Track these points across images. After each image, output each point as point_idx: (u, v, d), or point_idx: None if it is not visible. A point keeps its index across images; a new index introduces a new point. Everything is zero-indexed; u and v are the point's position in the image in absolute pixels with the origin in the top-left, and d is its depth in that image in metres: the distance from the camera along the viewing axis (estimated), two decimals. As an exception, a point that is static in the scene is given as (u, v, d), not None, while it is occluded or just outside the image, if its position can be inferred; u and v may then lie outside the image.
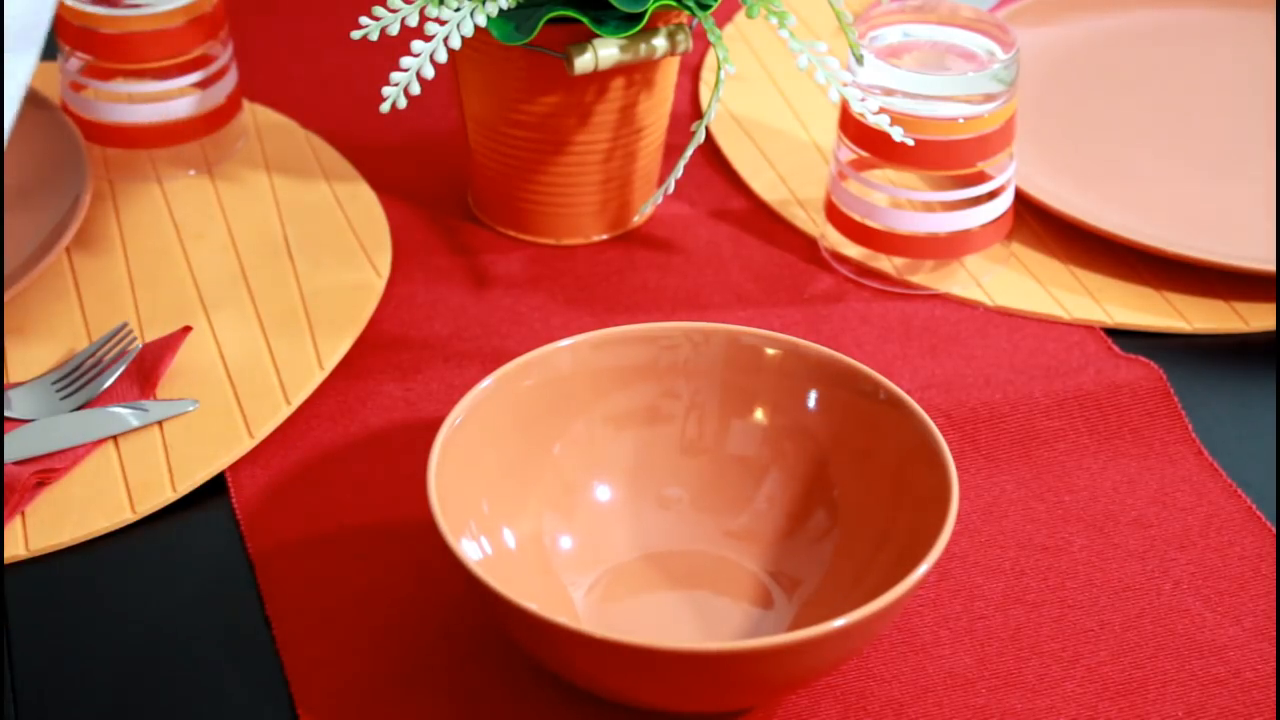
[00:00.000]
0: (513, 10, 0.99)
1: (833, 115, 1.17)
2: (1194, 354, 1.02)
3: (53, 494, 0.91)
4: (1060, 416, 0.96)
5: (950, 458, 0.82)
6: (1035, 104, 1.18)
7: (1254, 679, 0.84)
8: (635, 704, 0.79)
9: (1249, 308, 1.04)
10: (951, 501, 0.80)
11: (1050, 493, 0.93)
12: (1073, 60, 1.23)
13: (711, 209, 1.12)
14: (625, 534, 0.88)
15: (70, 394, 0.95)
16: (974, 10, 1.05)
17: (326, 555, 0.89)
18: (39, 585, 0.88)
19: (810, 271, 1.07)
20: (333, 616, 0.86)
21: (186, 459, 0.93)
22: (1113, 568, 0.89)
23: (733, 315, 1.03)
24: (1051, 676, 0.84)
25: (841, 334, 1.03)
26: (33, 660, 0.84)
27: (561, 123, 1.04)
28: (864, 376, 0.87)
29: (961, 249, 1.05)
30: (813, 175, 1.14)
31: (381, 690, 0.83)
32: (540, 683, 0.83)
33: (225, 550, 0.89)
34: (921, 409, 0.85)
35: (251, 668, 0.84)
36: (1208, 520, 0.91)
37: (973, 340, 1.02)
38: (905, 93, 1.02)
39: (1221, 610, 0.87)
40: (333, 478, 0.93)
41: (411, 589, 0.87)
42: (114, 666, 0.84)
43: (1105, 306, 1.04)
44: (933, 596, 0.87)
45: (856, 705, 0.82)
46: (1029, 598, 0.87)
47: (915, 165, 1.03)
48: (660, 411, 0.90)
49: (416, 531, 0.88)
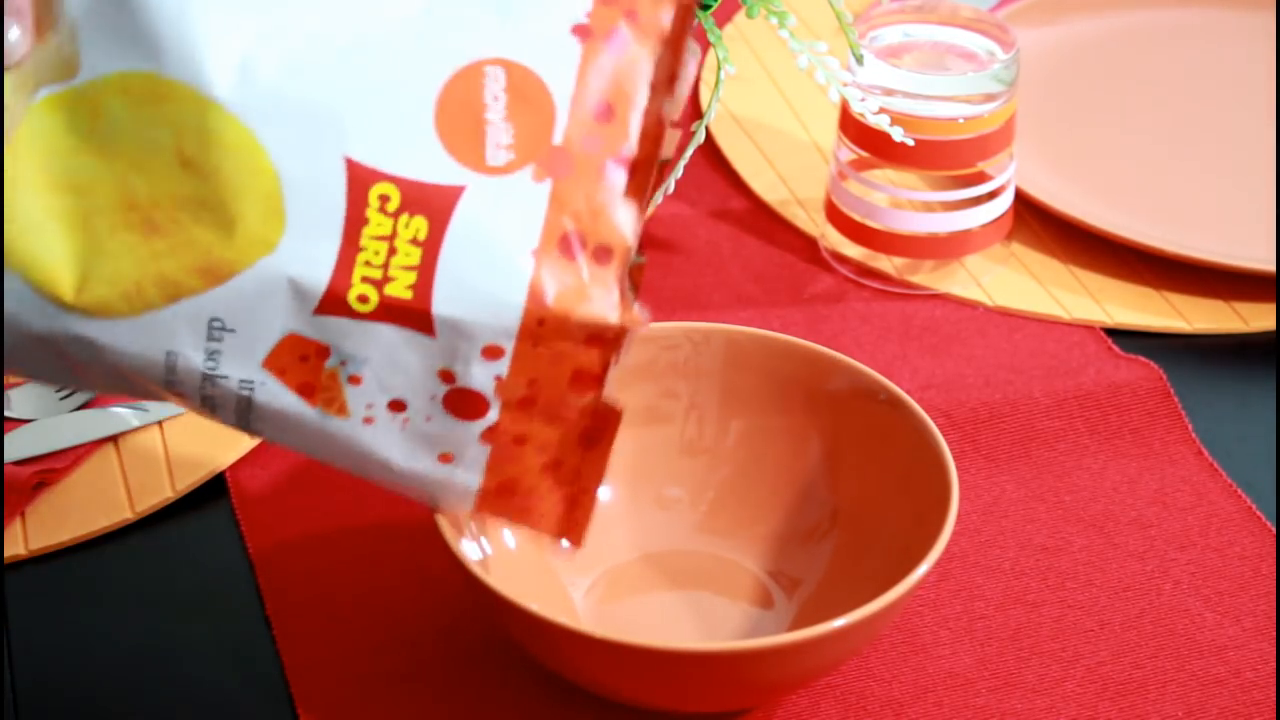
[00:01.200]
0: (513, 10, 0.99)
1: (833, 115, 1.17)
2: (1194, 354, 1.02)
3: (53, 494, 0.91)
4: (1060, 416, 0.96)
5: (950, 458, 0.82)
6: (1035, 104, 1.18)
7: (1254, 679, 0.84)
8: (635, 704, 0.79)
9: (1249, 308, 1.04)
10: (951, 501, 0.80)
11: (1050, 493, 0.93)
12: (1073, 60, 1.23)
13: (711, 209, 1.12)
14: (625, 534, 0.88)
15: (70, 394, 0.95)
16: (974, 10, 1.05)
17: (326, 555, 0.89)
18: (39, 585, 0.88)
19: (810, 271, 1.07)
20: (333, 616, 0.86)
21: (186, 459, 0.93)
22: (1113, 568, 0.89)
23: (733, 315, 1.03)
24: (1051, 676, 0.84)
25: (841, 334, 1.03)
26: (33, 660, 0.84)
27: (561, 123, 1.04)
28: (864, 376, 0.87)
29: (961, 249, 1.05)
30: (813, 175, 1.14)
31: (381, 690, 0.83)
32: (540, 683, 0.83)
33: (225, 550, 0.89)
34: (921, 409, 0.85)
35: (251, 668, 0.84)
36: (1208, 520, 0.91)
37: (973, 340, 1.02)
38: (905, 93, 1.02)
39: (1221, 610, 0.87)
40: (333, 478, 0.93)
41: (411, 589, 0.87)
42: (114, 666, 0.84)
43: (1105, 306, 1.04)
44: (933, 596, 0.87)
45: (856, 705, 0.82)
46: (1029, 598, 0.87)
47: (915, 165, 1.03)
48: (659, 412, 0.90)
49: (416, 531, 0.88)
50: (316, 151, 0.70)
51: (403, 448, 0.73)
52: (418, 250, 0.70)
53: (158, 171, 0.70)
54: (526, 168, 0.71)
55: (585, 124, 0.71)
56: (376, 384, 0.71)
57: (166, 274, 0.71)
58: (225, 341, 0.71)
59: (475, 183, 0.71)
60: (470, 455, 0.73)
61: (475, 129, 0.71)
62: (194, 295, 0.71)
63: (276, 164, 0.70)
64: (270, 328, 0.71)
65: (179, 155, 0.70)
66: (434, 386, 0.72)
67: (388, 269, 0.70)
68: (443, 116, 0.70)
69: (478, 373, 0.71)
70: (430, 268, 0.70)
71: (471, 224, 0.70)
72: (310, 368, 0.71)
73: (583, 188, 0.71)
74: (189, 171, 0.70)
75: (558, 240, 0.71)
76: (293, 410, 0.72)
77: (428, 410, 0.72)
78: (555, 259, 0.71)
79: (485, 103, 0.71)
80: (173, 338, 0.71)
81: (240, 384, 0.72)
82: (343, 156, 0.70)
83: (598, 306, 0.71)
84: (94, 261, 0.71)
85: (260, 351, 0.71)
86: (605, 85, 0.71)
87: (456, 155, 0.70)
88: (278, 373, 0.71)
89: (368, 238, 0.70)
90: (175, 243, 0.71)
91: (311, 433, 0.73)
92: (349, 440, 0.73)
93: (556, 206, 0.71)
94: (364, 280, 0.70)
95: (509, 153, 0.71)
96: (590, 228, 0.71)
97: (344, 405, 0.72)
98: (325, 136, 0.70)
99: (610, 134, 0.71)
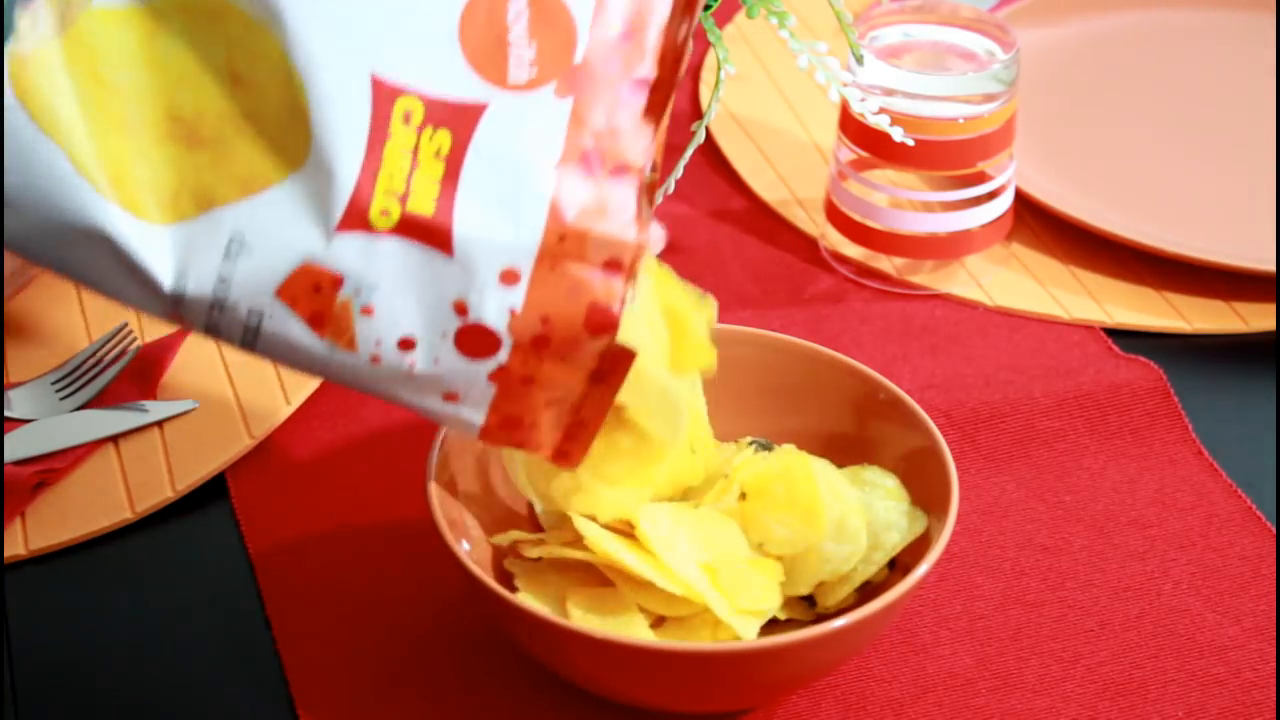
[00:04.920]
0: (513, 10, 0.99)
1: (833, 115, 1.17)
2: (1194, 354, 1.02)
3: (53, 494, 0.91)
4: (1060, 416, 0.96)
5: (950, 458, 0.82)
6: (1035, 104, 1.18)
7: (1254, 679, 0.84)
8: (635, 704, 0.79)
9: (1249, 308, 1.04)
10: (951, 501, 0.80)
11: (1050, 493, 0.93)
12: (1073, 60, 1.23)
13: (711, 209, 1.12)
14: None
15: (70, 394, 0.95)
16: (974, 10, 1.05)
17: (326, 555, 0.89)
18: (39, 585, 0.88)
19: (810, 271, 1.07)
20: (333, 616, 0.86)
21: (186, 459, 0.93)
22: (1113, 568, 0.89)
23: (733, 315, 1.03)
24: (1051, 676, 0.84)
25: (841, 334, 1.03)
26: (33, 660, 0.84)
27: (561, 123, 1.04)
28: (864, 376, 0.87)
29: (961, 249, 1.05)
30: (813, 175, 1.14)
31: (381, 690, 0.83)
32: (540, 682, 0.83)
33: (225, 550, 0.89)
34: (921, 409, 0.85)
35: (251, 668, 0.84)
36: (1208, 520, 0.91)
37: (973, 340, 1.02)
38: (905, 93, 1.02)
39: (1221, 610, 0.87)
40: (333, 478, 0.93)
41: (411, 589, 0.87)
42: (114, 666, 0.84)
43: (1105, 306, 1.04)
44: (933, 596, 0.87)
45: (856, 705, 0.82)
46: (1029, 598, 0.87)
47: (915, 165, 1.03)
48: (660, 411, 0.90)
49: (416, 531, 0.88)
50: (344, 67, 0.70)
51: (408, 386, 0.73)
52: (440, 165, 0.70)
53: (208, 87, 0.71)
54: (548, 85, 0.71)
55: (605, 44, 0.72)
56: (389, 316, 0.71)
57: (205, 184, 0.71)
58: (240, 264, 0.71)
59: (498, 99, 0.71)
60: (476, 394, 0.73)
61: (498, 46, 0.71)
62: (225, 205, 0.71)
63: (305, 80, 0.70)
64: (290, 250, 0.71)
65: (230, 71, 0.71)
66: (446, 321, 0.71)
67: (410, 184, 0.70)
68: (467, 33, 0.71)
69: (492, 303, 0.71)
70: (453, 183, 0.70)
71: (494, 139, 0.71)
72: (323, 298, 0.71)
73: (603, 106, 0.71)
74: (240, 87, 0.71)
75: (578, 157, 0.71)
76: (300, 341, 0.72)
77: (437, 350, 0.72)
78: (576, 175, 0.71)
79: (508, 21, 0.71)
80: (193, 252, 0.71)
81: (249, 313, 0.72)
82: (369, 72, 0.70)
83: (616, 223, 0.71)
84: (136, 166, 0.71)
85: (274, 279, 0.71)
86: (625, 6, 0.72)
87: (480, 71, 0.71)
88: (289, 301, 0.71)
89: (391, 151, 0.70)
90: (217, 155, 0.71)
91: (315, 362, 0.73)
92: (354, 375, 0.73)
93: (577, 124, 0.71)
94: (386, 194, 0.70)
95: (531, 69, 0.71)
96: (610, 146, 0.71)
97: (353, 339, 0.72)
98: (353, 52, 0.70)
99: (629, 55, 0.72)
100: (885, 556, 0.80)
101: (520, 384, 0.73)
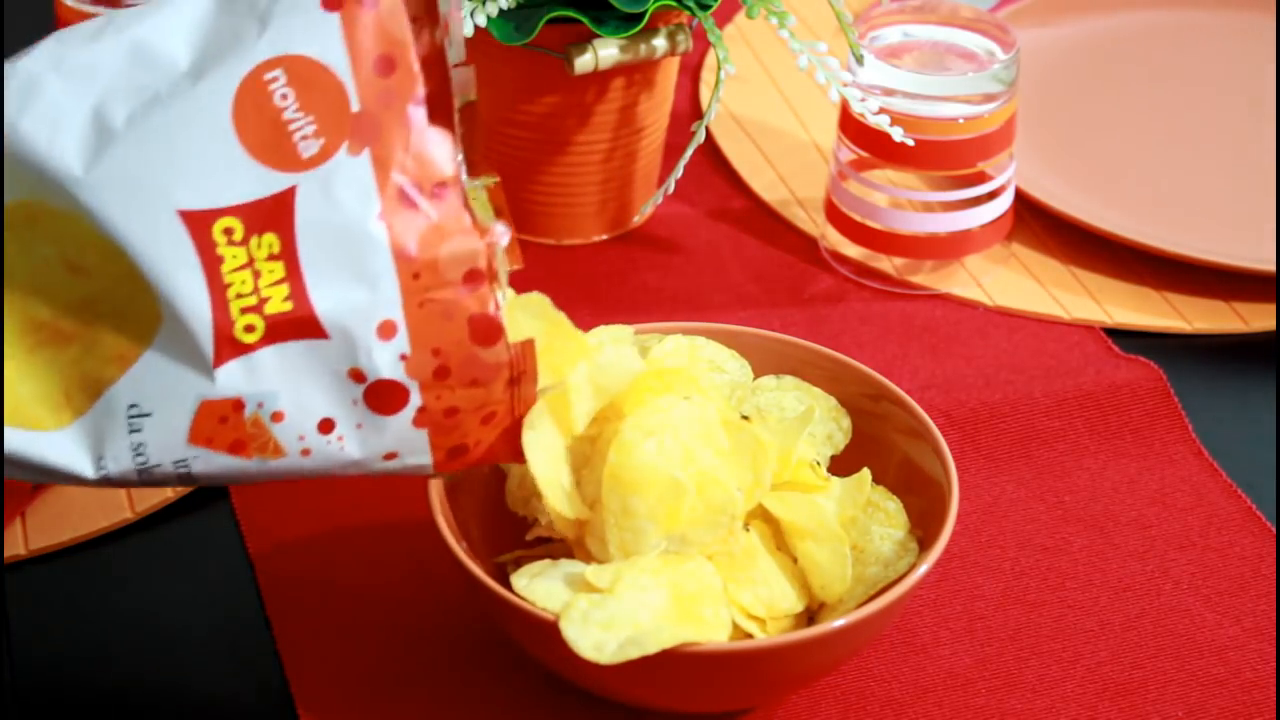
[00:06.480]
0: (513, 10, 0.99)
1: (833, 115, 1.17)
2: (1194, 354, 1.02)
3: (53, 494, 0.91)
4: (1060, 416, 0.96)
5: (950, 458, 0.82)
6: (1035, 104, 1.18)
7: (1254, 679, 0.84)
8: (635, 704, 0.79)
9: (1249, 308, 1.04)
10: (951, 501, 0.80)
11: (1050, 493, 0.93)
12: (1073, 60, 1.23)
13: (711, 209, 1.12)
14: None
15: (70, 394, 0.95)
16: (974, 10, 1.05)
17: (326, 555, 0.89)
18: (39, 585, 0.88)
19: (810, 271, 1.07)
20: (333, 616, 0.86)
21: (186, 459, 0.93)
22: (1113, 568, 0.89)
23: (733, 315, 1.03)
24: (1051, 676, 0.84)
25: (841, 334, 1.03)
26: (33, 660, 0.84)
27: (561, 123, 1.04)
28: (864, 376, 0.87)
29: (961, 249, 1.05)
30: (813, 175, 1.14)
31: (381, 690, 0.83)
32: (540, 683, 0.83)
33: (225, 550, 0.90)
34: (921, 409, 0.85)
35: (251, 668, 0.84)
36: (1208, 520, 0.91)
37: (973, 340, 1.02)
38: (905, 93, 1.02)
39: (1221, 610, 0.87)
40: (333, 477, 0.93)
41: (411, 589, 0.87)
42: (114, 666, 0.84)
43: (1105, 306, 1.04)
44: (933, 596, 0.87)
45: (856, 705, 0.82)
46: (1029, 598, 0.87)
47: (915, 165, 1.03)
48: (660, 411, 0.90)
49: (416, 531, 0.88)
50: (150, 218, 0.72)
51: (346, 462, 0.75)
52: (279, 265, 0.72)
53: (53, 286, 0.73)
54: (340, 148, 0.73)
55: (373, 83, 0.73)
56: (299, 412, 0.73)
57: (88, 373, 0.73)
58: (145, 430, 0.73)
59: (302, 181, 0.72)
60: (411, 444, 0.75)
61: (278, 132, 0.72)
62: (113, 384, 0.73)
63: (125, 246, 0.72)
64: (183, 399, 0.73)
65: (66, 263, 0.73)
66: (350, 390, 0.73)
67: (259, 292, 0.72)
68: (244, 132, 0.72)
69: (381, 359, 0.73)
70: (297, 274, 0.72)
71: (315, 220, 0.72)
72: (233, 425, 0.73)
73: (398, 141, 0.73)
74: (80, 275, 0.73)
75: (397, 197, 0.72)
76: (232, 467, 0.74)
77: (355, 418, 0.74)
78: (402, 215, 0.72)
79: (276, 104, 0.72)
80: (101, 439, 0.73)
81: (175, 464, 0.74)
82: (174, 210, 0.72)
83: (457, 238, 0.73)
84: (21, 386, 0.73)
85: (181, 429, 0.73)
86: (375, 40, 0.73)
87: (272, 164, 0.72)
88: (205, 443, 0.73)
89: (230, 272, 0.72)
90: (86, 344, 0.73)
91: (256, 476, 0.75)
92: (297, 471, 0.75)
93: (382, 169, 0.72)
94: (243, 311, 0.72)
95: (318, 141, 0.72)
96: (420, 172, 0.73)
97: (277, 446, 0.74)
98: (151, 200, 0.72)
99: (399, 82, 0.73)
100: (866, 592, 0.80)
101: (445, 417, 0.74)
